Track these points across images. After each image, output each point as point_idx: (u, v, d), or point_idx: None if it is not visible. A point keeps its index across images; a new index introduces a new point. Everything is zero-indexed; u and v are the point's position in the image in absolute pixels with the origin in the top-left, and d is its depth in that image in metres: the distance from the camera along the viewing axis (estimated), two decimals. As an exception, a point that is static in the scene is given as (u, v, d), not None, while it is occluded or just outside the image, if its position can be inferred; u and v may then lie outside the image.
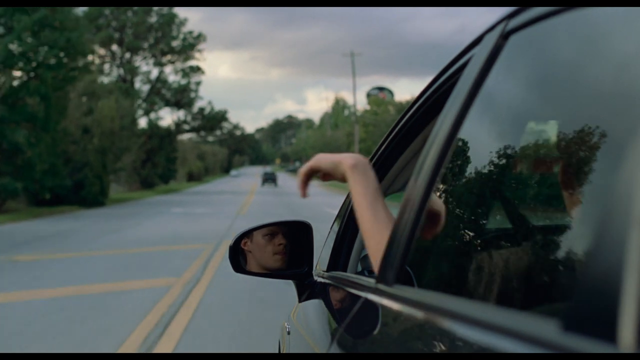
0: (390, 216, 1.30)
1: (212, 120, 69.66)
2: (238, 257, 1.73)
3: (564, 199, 0.93)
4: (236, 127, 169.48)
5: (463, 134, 1.11)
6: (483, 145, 1.12)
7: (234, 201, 35.20)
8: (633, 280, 0.50)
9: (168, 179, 62.33)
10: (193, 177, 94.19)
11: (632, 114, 0.77)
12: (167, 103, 64.44)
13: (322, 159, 1.40)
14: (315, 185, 50.31)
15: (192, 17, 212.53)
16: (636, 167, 0.55)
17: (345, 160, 1.35)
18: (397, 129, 1.65)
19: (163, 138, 60.13)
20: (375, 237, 1.27)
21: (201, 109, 69.21)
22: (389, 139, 1.69)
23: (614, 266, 0.53)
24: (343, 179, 1.37)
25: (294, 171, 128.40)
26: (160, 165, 58.31)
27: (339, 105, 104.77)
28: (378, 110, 61.66)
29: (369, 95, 67.20)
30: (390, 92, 68.63)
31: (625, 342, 0.50)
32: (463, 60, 1.25)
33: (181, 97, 64.40)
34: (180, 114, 66.56)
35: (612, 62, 0.81)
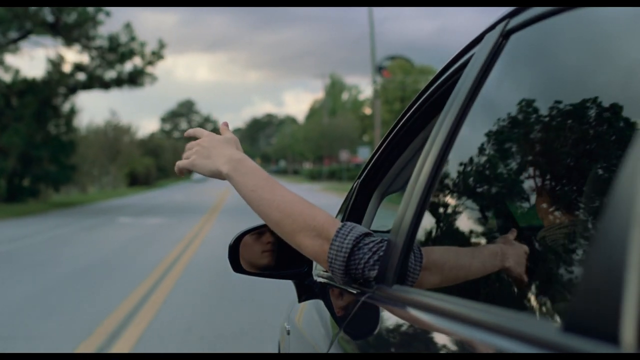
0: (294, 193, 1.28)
1: (129, 56, 30.45)
2: (238, 258, 1.73)
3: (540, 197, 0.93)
4: (207, 119, 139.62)
5: (464, 133, 1.11)
6: (483, 144, 1.12)
7: (158, 247, 12.23)
8: (634, 280, 0.50)
9: (58, 182, 31.51)
10: (138, 181, 64.02)
11: (632, 113, 0.77)
12: (34, 27, 28.13)
13: (197, 166, 1.36)
14: (317, 190, 38.83)
15: (168, 20, 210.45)
16: (637, 166, 0.55)
17: (222, 167, 1.32)
18: (397, 128, 1.64)
19: (23, 96, 28.51)
20: (301, 212, 1.24)
21: (112, 40, 29.94)
22: (389, 138, 1.69)
23: (615, 266, 0.52)
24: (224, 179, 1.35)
25: (278, 172, 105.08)
26: (12, 152, 27.69)
27: (335, 89, 78.13)
28: (407, 80, 44.55)
29: (381, 68, 45.68)
30: (408, 61, 49.31)
31: (626, 342, 0.49)
32: (463, 60, 1.24)
33: (59, 14, 28.11)
34: (69, 53, 31.40)
35: (612, 61, 0.81)
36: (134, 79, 31.37)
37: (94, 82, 31.13)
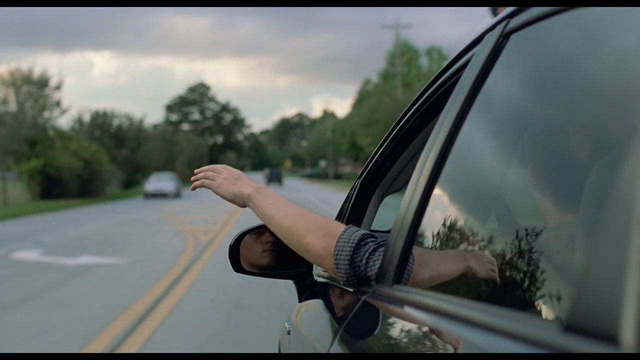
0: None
1: None
2: (238, 258, 1.73)
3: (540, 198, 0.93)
4: (225, 108, 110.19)
5: (464, 133, 1.11)
6: (484, 144, 1.12)
7: None
8: (633, 280, 0.50)
9: None
10: (62, 188, 33.35)
11: (631, 113, 0.77)
12: None
13: (222, 188, 1.48)
14: (322, 190, 35.87)
15: (200, 24, 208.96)
16: (636, 166, 0.55)
17: (246, 190, 1.45)
18: (397, 128, 1.64)
19: None
20: (314, 217, 1.35)
21: None
22: (389, 138, 1.69)
23: (614, 266, 0.52)
24: (242, 206, 1.47)
25: (312, 177, 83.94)
26: None
27: (406, 56, 53.43)
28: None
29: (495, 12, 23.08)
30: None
31: (626, 342, 0.49)
32: (464, 60, 1.24)
33: None
34: None
35: (612, 62, 0.81)
36: None
37: None
